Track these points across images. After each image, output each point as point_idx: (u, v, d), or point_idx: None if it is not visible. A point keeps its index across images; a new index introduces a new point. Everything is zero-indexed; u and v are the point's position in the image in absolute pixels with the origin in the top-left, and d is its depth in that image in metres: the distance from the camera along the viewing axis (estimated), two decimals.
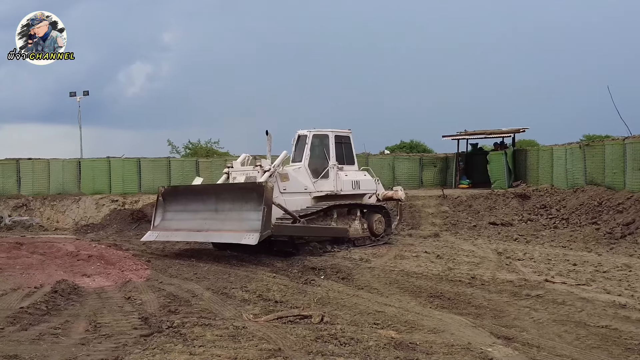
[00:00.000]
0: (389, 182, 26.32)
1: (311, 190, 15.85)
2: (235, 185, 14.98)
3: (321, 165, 16.24)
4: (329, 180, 16.24)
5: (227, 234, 13.72)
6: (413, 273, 11.73)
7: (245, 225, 13.23)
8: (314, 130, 16.30)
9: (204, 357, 6.31)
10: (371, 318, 8.10)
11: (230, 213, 13.93)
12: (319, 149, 16.38)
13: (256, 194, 13.27)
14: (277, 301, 9.30)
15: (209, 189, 15.83)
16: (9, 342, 6.92)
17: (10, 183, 26.58)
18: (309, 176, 15.89)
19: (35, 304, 8.94)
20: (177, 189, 16.91)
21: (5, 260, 14.03)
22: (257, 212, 13.01)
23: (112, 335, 7.35)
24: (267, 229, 12.87)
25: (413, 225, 20.22)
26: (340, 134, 16.87)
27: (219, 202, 14.41)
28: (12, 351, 6.47)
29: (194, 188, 16.24)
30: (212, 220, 14.17)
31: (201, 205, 14.77)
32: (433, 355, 6.38)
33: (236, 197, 14.03)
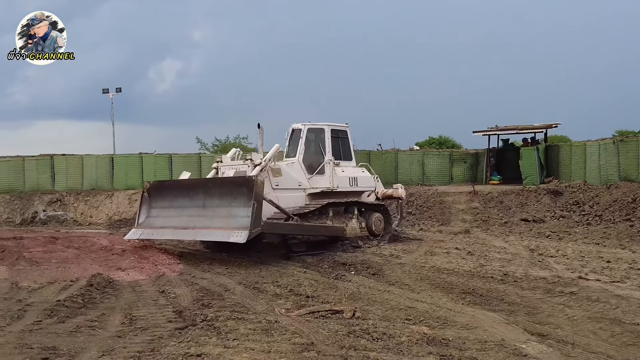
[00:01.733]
0: (418, 178, 26.29)
1: (305, 186, 15.12)
2: (224, 180, 14.30)
3: (316, 161, 15.53)
4: (325, 177, 15.51)
5: (214, 232, 12.91)
6: (444, 269, 11.69)
7: (234, 223, 12.50)
8: (309, 124, 15.61)
9: (238, 350, 6.39)
10: (403, 314, 8.11)
11: (219, 209, 13.19)
12: (314, 143, 15.71)
13: (246, 189, 12.55)
14: (309, 296, 9.35)
15: (196, 184, 14.97)
16: (47, 334, 7.08)
17: (44, 179, 27.12)
18: (303, 172, 15.17)
19: (71, 297, 9.12)
20: (163, 184, 16.03)
21: (41, 254, 14.30)
22: (247, 208, 12.29)
23: (148, 328, 7.47)
24: (257, 227, 12.13)
25: (443, 222, 20.15)
26: (336, 128, 16.15)
27: (206, 197, 13.62)
28: (51, 343, 6.63)
29: (181, 183, 15.29)
30: (200, 217, 13.41)
31: (188, 201, 13.95)
32: (466, 351, 6.37)
33: (224, 193, 13.26)
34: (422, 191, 23.06)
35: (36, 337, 6.89)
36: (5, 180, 27.24)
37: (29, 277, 11.07)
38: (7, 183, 27.18)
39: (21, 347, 6.46)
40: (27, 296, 9.31)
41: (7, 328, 7.29)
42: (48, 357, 6.14)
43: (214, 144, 37.72)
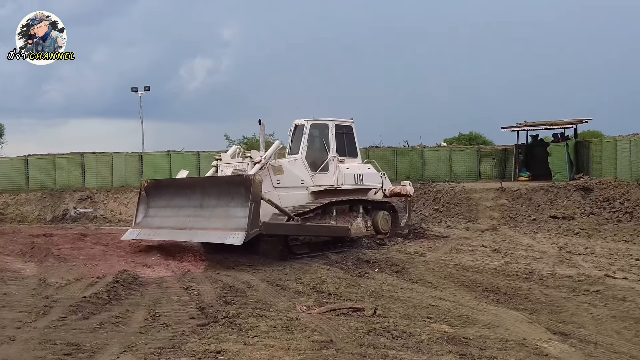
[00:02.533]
0: (445, 175, 26.09)
1: (309, 184, 14.53)
2: (221, 179, 13.85)
3: (320, 158, 14.94)
4: (329, 174, 14.94)
5: (211, 233, 12.40)
6: (469, 267, 11.61)
7: (231, 224, 12.03)
8: (312, 119, 15.05)
9: (258, 347, 6.42)
10: (424, 312, 8.07)
11: (216, 210, 12.75)
12: (318, 139, 15.14)
13: (243, 188, 12.09)
14: (331, 293, 9.35)
15: (194, 183, 14.46)
16: (71, 330, 7.20)
17: (75, 176, 27.55)
18: (306, 169, 14.56)
19: (97, 293, 9.25)
20: (160, 183, 15.55)
21: (69, 251, 14.55)
22: (244, 208, 11.85)
23: (170, 324, 7.54)
24: (254, 228, 11.66)
25: (470, 219, 19.98)
26: (341, 123, 15.62)
27: (204, 197, 13.18)
28: (74, 339, 6.74)
29: (178, 182, 14.83)
30: (197, 218, 12.99)
31: (185, 200, 13.54)
32: (487, 350, 6.31)
33: (222, 192, 12.81)
34: (449, 188, 22.90)
35: (60, 333, 7.01)
36: (37, 177, 27.73)
37: (56, 273, 11.27)
38: (39, 181, 27.67)
39: (45, 342, 6.58)
40: (54, 292, 9.48)
41: (32, 324, 7.43)
42: (70, 352, 6.24)
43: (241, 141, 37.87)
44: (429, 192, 23.07)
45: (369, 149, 26.93)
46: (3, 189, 27.51)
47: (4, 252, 14.51)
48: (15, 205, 26.35)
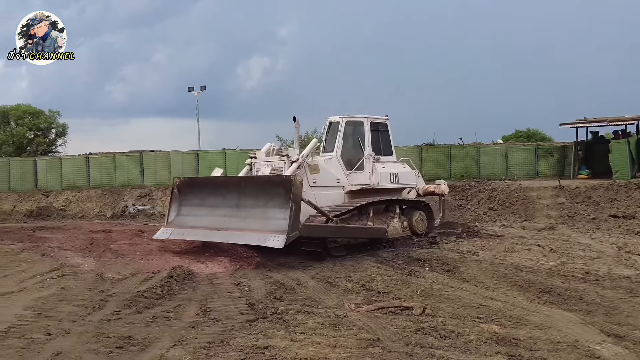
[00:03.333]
0: (501, 172, 25.60)
1: (344, 183, 14.07)
2: (259, 179, 13.37)
3: (355, 156, 14.50)
4: (364, 173, 14.50)
5: (249, 235, 11.93)
6: (523, 267, 11.37)
7: (270, 225, 11.67)
8: (347, 117, 14.55)
9: (304, 343, 6.46)
10: (474, 312, 7.95)
11: (253, 210, 12.35)
12: (353, 137, 14.64)
13: (283, 189, 11.70)
14: (380, 292, 9.31)
15: (230, 182, 14.05)
16: (124, 324, 7.42)
17: (134, 174, 28.28)
18: (341, 168, 14.11)
19: (151, 288, 9.49)
20: (194, 181, 15.43)
21: (127, 246, 14.95)
22: (284, 210, 11.50)
23: (220, 319, 7.68)
24: (294, 230, 11.32)
25: (526, 218, 19.51)
26: (376, 120, 15.11)
27: (241, 197, 12.75)
28: (126, 332, 6.94)
29: (213, 180, 14.44)
30: (233, 218, 12.59)
31: (221, 200, 13.14)
32: (537, 351, 6.18)
33: (260, 192, 12.40)
34: (505, 186, 22.43)
35: (113, 327, 7.23)
36: (97, 175, 28.60)
37: (113, 268, 11.61)
38: (100, 178, 28.52)
39: (98, 336, 6.80)
40: (110, 287, 9.78)
41: (88, 317, 7.68)
42: (122, 346, 6.43)
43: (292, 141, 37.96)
44: (483, 190, 22.66)
45: (422, 147, 26.69)
46: (65, 187, 28.49)
47: (64, 248, 15.03)
48: (77, 202, 27.21)
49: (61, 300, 8.81)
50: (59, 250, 14.60)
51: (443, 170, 26.01)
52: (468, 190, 23.38)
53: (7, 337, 6.82)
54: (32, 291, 9.58)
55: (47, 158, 31.62)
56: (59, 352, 6.18)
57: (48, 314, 7.93)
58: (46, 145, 40.81)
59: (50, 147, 41.55)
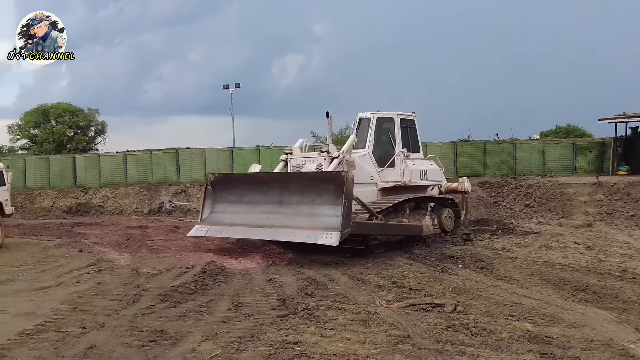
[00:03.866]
0: (538, 168, 25.25)
1: (377, 180, 13.86)
2: (306, 175, 12.88)
3: (386, 153, 14.35)
4: (395, 170, 14.31)
5: (298, 232, 11.61)
6: (558, 264, 11.19)
7: (320, 222, 11.42)
8: (378, 113, 14.38)
9: (334, 339, 6.47)
10: (507, 309, 7.85)
11: (299, 207, 12.04)
12: (384, 133, 14.47)
13: (333, 185, 11.44)
14: (412, 288, 9.26)
15: (272, 178, 13.50)
16: (158, 318, 7.53)
17: (170, 171, 28.66)
18: (373, 164, 13.94)
19: (185, 283, 9.61)
20: (230, 177, 15.03)
21: (162, 242, 15.17)
22: (334, 206, 11.27)
23: (252, 314, 7.73)
24: (347, 227, 11.06)
25: (564, 215, 19.19)
26: (405, 117, 15.00)
27: (283, 193, 12.43)
28: (159, 327, 7.04)
29: (253, 176, 14.08)
30: (276, 215, 12.25)
31: (261, 196, 12.74)
32: (570, 350, 6.08)
33: (306, 188, 12.03)
34: (542, 182, 22.09)
35: (147, 321, 7.34)
36: (135, 172, 29.05)
37: (149, 263, 11.78)
38: (137, 175, 28.96)
39: (132, 329, 6.92)
40: (145, 282, 9.94)
41: (122, 312, 7.82)
42: (155, 339, 6.52)
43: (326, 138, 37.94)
44: (519, 187, 22.39)
45: (457, 143, 26.45)
46: (103, 183, 29.01)
47: (102, 243, 15.32)
48: (115, 198, 27.69)
49: (97, 294, 8.99)
50: (96, 245, 14.89)
51: (478, 167, 25.79)
52: (504, 186, 23.14)
53: (43, 331, 6.98)
54: (69, 285, 9.80)
55: (85, 155, 32.23)
56: (93, 346, 6.30)
57: (83, 308, 8.09)
58: (85, 143, 41.56)
59: (90, 145, 42.32)
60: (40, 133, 40.67)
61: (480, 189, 23.33)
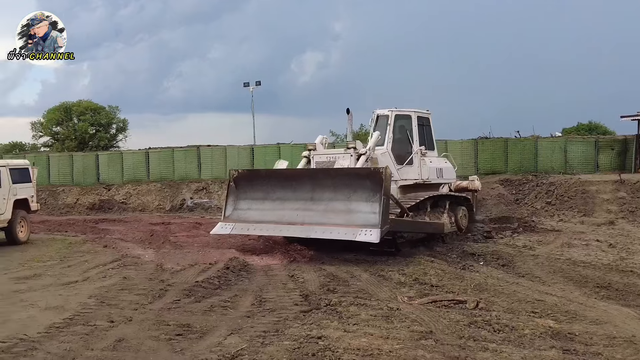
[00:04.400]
0: (560, 166, 25.08)
1: (396, 178, 13.46)
2: (340, 171, 12.60)
3: (404, 150, 14.19)
4: (413, 167, 14.16)
5: (334, 229, 11.31)
6: (580, 262, 11.18)
7: (357, 219, 11.19)
8: (396, 110, 14.25)
9: (357, 334, 6.56)
10: (529, 306, 7.88)
11: (332, 203, 11.76)
12: (401, 131, 14.36)
13: (370, 182, 11.27)
14: (433, 285, 9.32)
15: (302, 174, 13.12)
16: (184, 312, 7.67)
17: (192, 168, 28.93)
18: (393, 162, 13.65)
19: (209, 278, 9.76)
20: (256, 174, 14.56)
21: (185, 238, 15.35)
22: (372, 203, 11.12)
23: (275, 309, 7.83)
24: (386, 224, 10.88)
25: (585, 213, 19.08)
26: (421, 114, 14.90)
27: (315, 189, 12.11)
28: (185, 321, 7.18)
29: (279, 173, 13.73)
30: (307, 212, 11.97)
31: (290, 193, 12.47)
32: (592, 346, 6.10)
33: (340, 185, 11.78)
34: (563, 180, 21.97)
35: (173, 315, 7.48)
36: (157, 169, 29.36)
37: (172, 259, 11.95)
38: (159, 172, 29.27)
39: (159, 323, 7.06)
40: (170, 277, 10.10)
41: (149, 306, 7.97)
42: (182, 333, 6.66)
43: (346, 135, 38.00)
44: (541, 185, 22.27)
45: (478, 140, 26.37)
46: (126, 180, 29.35)
47: (125, 239, 15.54)
48: (137, 195, 28.00)
49: (123, 289, 9.16)
50: (121, 241, 15.11)
51: (499, 164, 25.70)
52: (525, 184, 23.05)
53: (72, 324, 7.15)
54: (95, 280, 9.99)
55: (108, 153, 32.63)
56: (121, 339, 6.45)
57: (111, 302, 8.26)
58: (107, 140, 42.08)
59: (111, 142, 42.83)
60: (62, 131, 41.24)
61: (501, 187, 23.27)
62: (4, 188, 14.59)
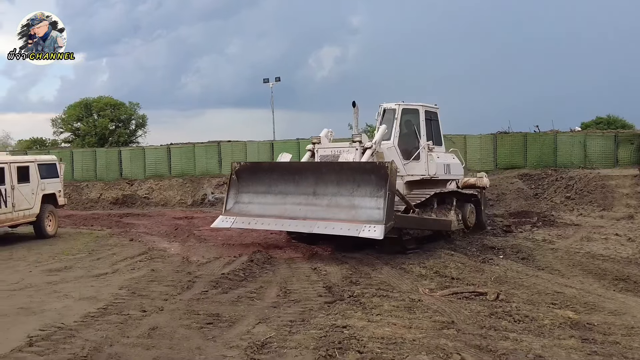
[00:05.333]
0: (579, 161, 25.03)
1: (402, 173, 13.19)
2: (344, 164, 12.15)
3: (411, 145, 13.85)
4: (420, 163, 13.77)
5: (337, 225, 10.99)
6: (599, 255, 11.31)
7: (361, 215, 10.88)
8: (404, 104, 13.94)
9: (381, 324, 6.79)
10: (549, 298, 8.06)
11: (336, 198, 11.44)
12: (408, 125, 14.06)
13: (374, 176, 10.98)
14: (454, 278, 9.52)
15: (305, 168, 12.67)
16: (212, 302, 7.95)
17: (212, 163, 29.26)
18: (399, 157, 13.33)
19: (234, 271, 10.04)
20: (258, 166, 13.88)
21: (209, 232, 15.64)
22: (376, 198, 10.81)
23: (300, 300, 8.08)
24: (390, 220, 10.54)
25: (605, 207, 19.07)
26: (429, 109, 14.53)
27: (318, 184, 11.78)
28: (215, 310, 7.46)
29: (282, 166, 13.25)
30: (310, 207, 11.63)
31: (292, 187, 12.11)
32: (610, 336, 6.28)
33: (343, 179, 11.44)
34: (583, 175, 21.97)
35: (202, 305, 7.76)
36: (178, 165, 29.73)
37: (198, 252, 12.23)
38: (180, 168, 29.64)
39: (189, 313, 7.35)
40: (196, 269, 10.40)
41: (178, 297, 8.26)
42: (212, 322, 6.93)
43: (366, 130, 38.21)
44: (560, 179, 22.29)
45: (497, 135, 26.40)
46: (148, 175, 29.75)
47: (151, 233, 15.89)
48: (159, 190, 28.39)
49: (152, 280, 9.46)
50: (146, 235, 15.45)
51: (518, 159, 25.72)
52: (544, 179, 23.07)
53: (107, 314, 7.46)
54: (124, 272, 10.31)
55: (130, 148, 33.07)
56: (155, 327, 6.73)
57: (141, 293, 8.56)
58: (127, 136, 42.59)
59: (131, 138, 43.34)
60: (83, 126, 41.79)
61: (521, 181, 23.32)
62: (33, 183, 14.98)
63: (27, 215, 14.82)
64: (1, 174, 13.97)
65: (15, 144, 45.88)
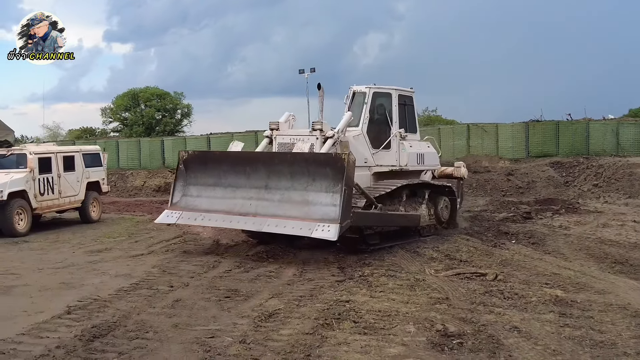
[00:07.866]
0: (612, 149, 25.04)
1: (371, 163, 12.28)
2: (299, 156, 10.93)
3: (381, 132, 12.65)
4: (391, 152, 12.69)
5: (288, 223, 9.97)
6: (608, 240, 11.72)
7: (315, 212, 9.88)
8: (375, 87, 12.65)
9: (381, 300, 7.53)
10: (544, 279, 8.63)
11: (289, 193, 10.39)
12: (379, 111, 12.84)
13: (330, 169, 9.90)
14: (462, 260, 10.13)
15: (256, 158, 11.52)
16: (233, 280, 8.81)
17: None
18: (367, 146, 12.30)
19: (258, 252, 10.89)
20: (207, 156, 13.09)
21: None
22: (332, 194, 9.78)
23: (314, 279, 8.87)
24: (346, 219, 9.56)
25: (631, 194, 19.25)
26: (403, 93, 13.25)
27: (270, 176, 10.65)
28: (234, 286, 8.33)
29: (232, 155, 12.04)
30: (261, 202, 10.58)
31: (243, 179, 10.94)
32: (588, 312, 6.88)
33: (297, 172, 10.36)
34: (612, 162, 22.10)
35: (224, 282, 8.63)
36: None
37: (228, 236, 13.04)
38: None
39: (211, 288, 8.23)
40: (224, 251, 11.30)
41: (204, 275, 9.15)
42: (230, 296, 7.79)
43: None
44: (591, 167, 22.45)
45: (529, 123, 26.59)
46: None
47: None
48: None
49: (182, 260, 10.39)
50: None
51: (550, 147, 25.86)
52: (575, 167, 23.25)
53: (138, 288, 8.39)
54: (159, 254, 11.26)
55: (172, 138, 34.26)
56: (178, 300, 7.62)
57: (171, 272, 9.47)
58: (173, 126, 43.89)
59: (177, 127, 44.64)
60: (130, 116, 43.25)
61: (552, 169, 23.53)
62: (78, 171, 16.08)
63: (73, 201, 15.96)
64: (48, 164, 15.07)
65: (66, 133, 47.66)
